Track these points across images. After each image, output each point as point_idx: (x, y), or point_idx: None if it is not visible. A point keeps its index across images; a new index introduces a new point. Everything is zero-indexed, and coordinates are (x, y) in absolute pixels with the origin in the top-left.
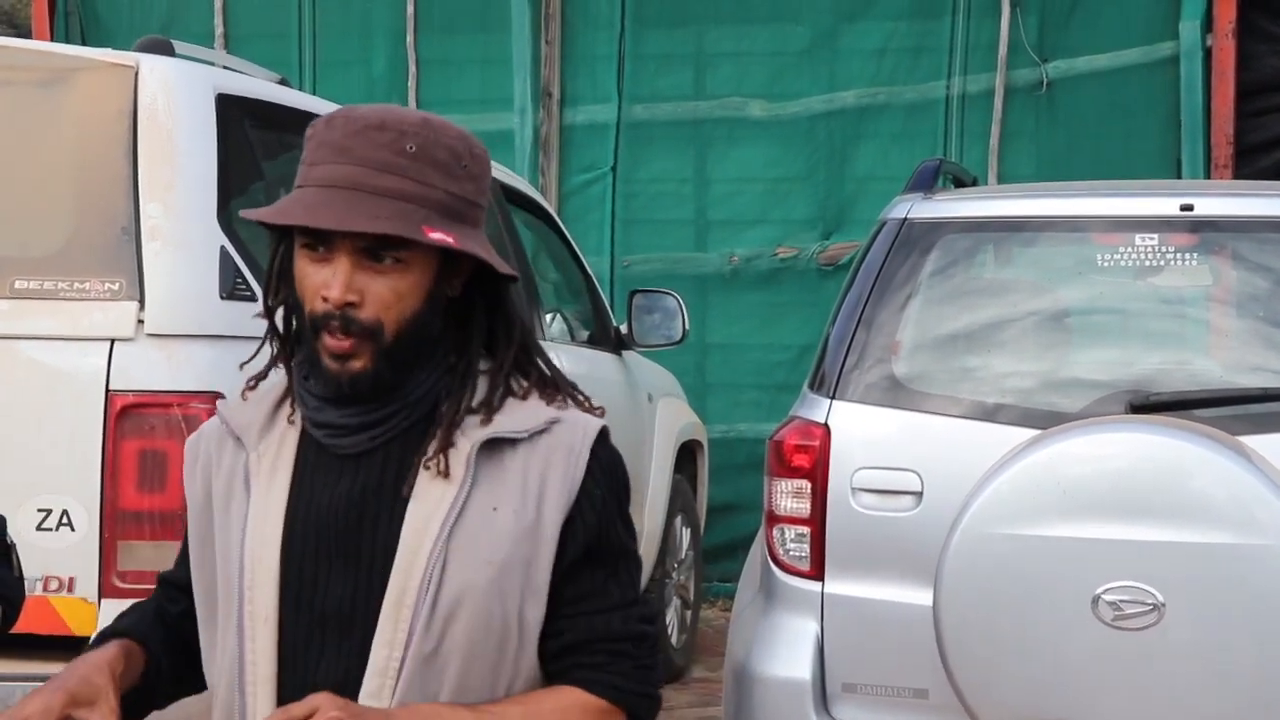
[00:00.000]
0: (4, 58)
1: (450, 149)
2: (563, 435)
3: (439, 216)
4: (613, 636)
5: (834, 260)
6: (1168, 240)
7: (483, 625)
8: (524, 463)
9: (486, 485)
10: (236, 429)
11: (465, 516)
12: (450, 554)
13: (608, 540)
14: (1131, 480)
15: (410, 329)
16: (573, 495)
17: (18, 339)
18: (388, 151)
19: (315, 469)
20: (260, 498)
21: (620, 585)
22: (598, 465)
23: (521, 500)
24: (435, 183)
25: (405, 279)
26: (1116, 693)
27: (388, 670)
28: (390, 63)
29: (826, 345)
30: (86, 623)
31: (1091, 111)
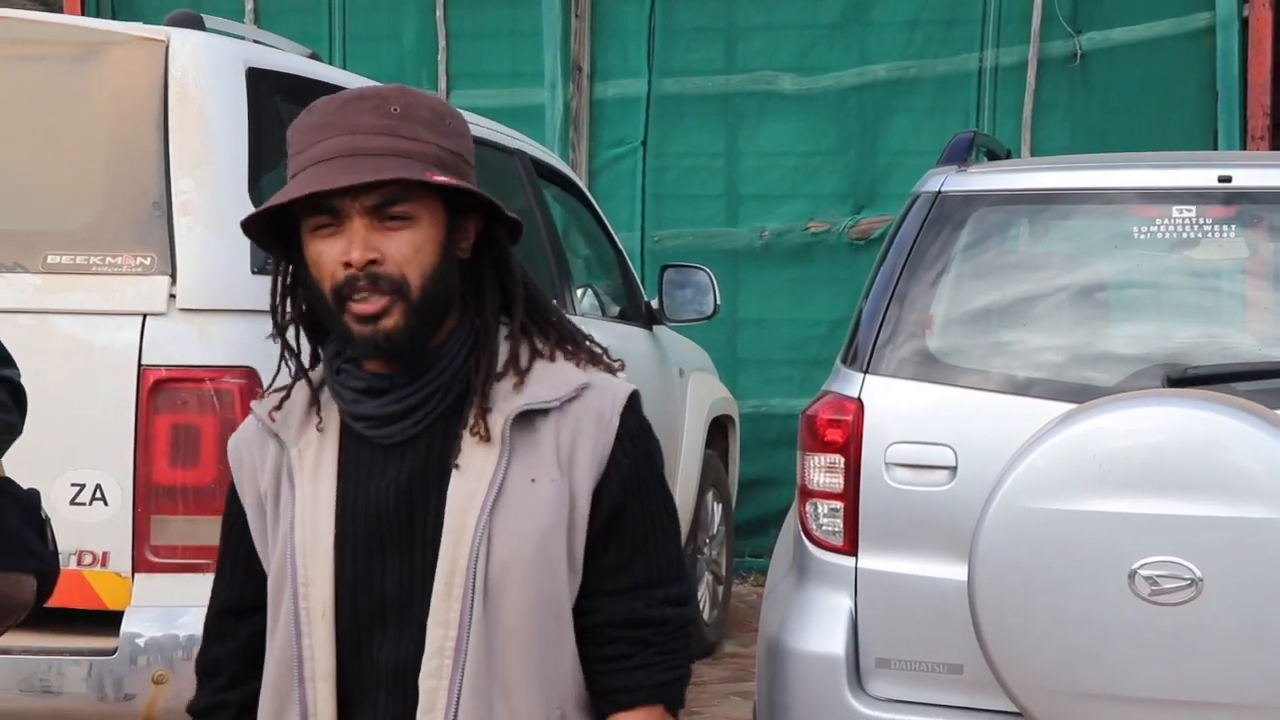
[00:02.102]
0: (36, 33)
1: (432, 108)
2: (592, 401)
3: (436, 167)
4: (634, 622)
5: (865, 234)
6: (1205, 212)
7: (535, 597)
8: (555, 430)
9: (522, 456)
10: (274, 427)
11: (505, 490)
12: (494, 528)
13: (635, 510)
14: (1168, 454)
15: (433, 282)
16: (603, 463)
17: (50, 313)
18: (373, 116)
19: (359, 462)
20: (307, 494)
21: (648, 563)
22: (626, 433)
23: (556, 469)
24: (426, 138)
25: (418, 232)
26: (1153, 668)
27: (444, 650)
28: (420, 36)
29: (859, 320)
30: (120, 597)
31: (1126, 83)
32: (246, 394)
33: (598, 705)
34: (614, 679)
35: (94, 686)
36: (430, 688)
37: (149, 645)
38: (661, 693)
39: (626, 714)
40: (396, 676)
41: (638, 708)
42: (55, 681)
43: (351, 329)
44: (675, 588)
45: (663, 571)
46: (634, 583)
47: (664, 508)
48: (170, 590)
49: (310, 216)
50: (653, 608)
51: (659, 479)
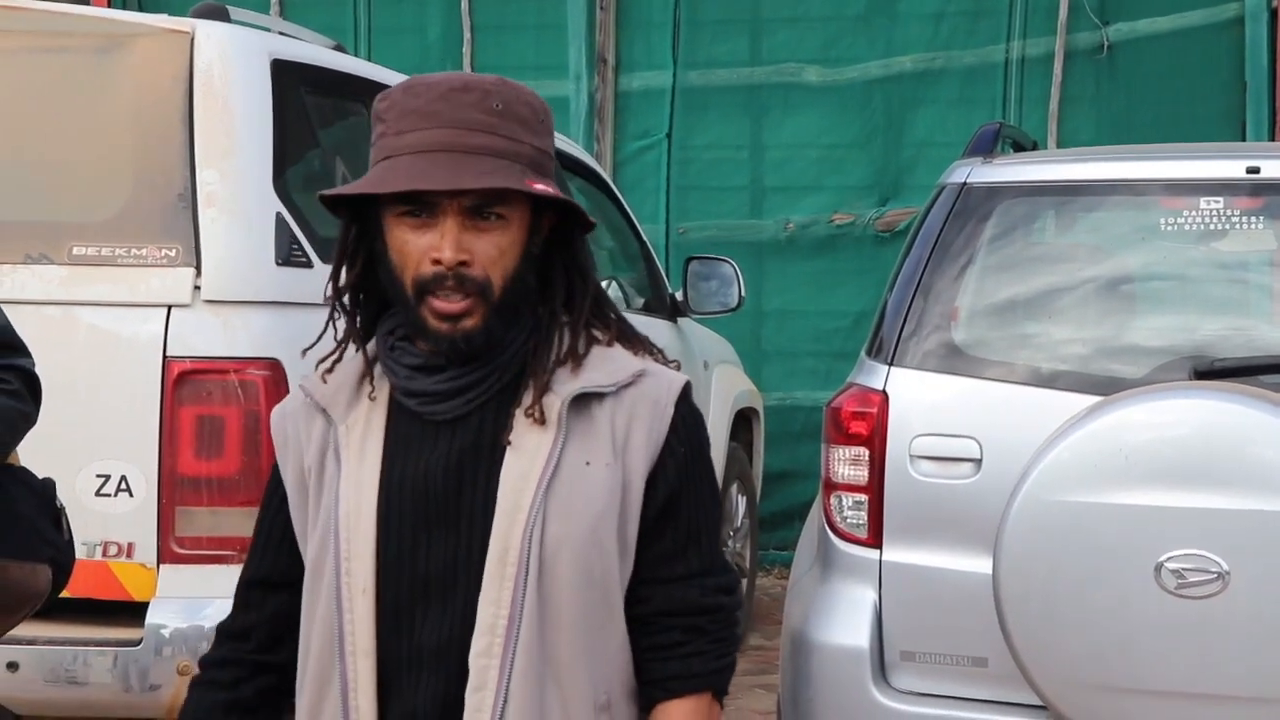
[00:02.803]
0: (61, 24)
1: (530, 105)
2: (648, 389)
3: (531, 170)
4: (689, 609)
5: (890, 226)
6: (1233, 204)
7: (585, 579)
8: (611, 415)
9: (578, 439)
10: (322, 401)
11: (560, 471)
12: (549, 508)
13: (690, 500)
14: (1195, 447)
15: (514, 284)
16: (657, 449)
17: (76, 305)
18: (476, 111)
19: (408, 438)
20: (352, 469)
21: (700, 552)
22: (681, 422)
23: (611, 453)
24: (523, 138)
25: (507, 234)
26: (1179, 662)
27: (495, 628)
28: (445, 29)
29: (884, 311)
30: (145, 588)
31: (1153, 75)
32: (271, 385)
33: (646, 693)
34: (667, 666)
35: (119, 677)
36: (481, 666)
37: (174, 636)
38: (713, 680)
39: (679, 701)
40: (439, 654)
41: (690, 695)
42: (81, 672)
43: (428, 323)
44: (724, 577)
45: (713, 560)
46: (688, 571)
47: (713, 498)
48: (195, 581)
49: (402, 203)
50: (707, 595)
51: (709, 469)
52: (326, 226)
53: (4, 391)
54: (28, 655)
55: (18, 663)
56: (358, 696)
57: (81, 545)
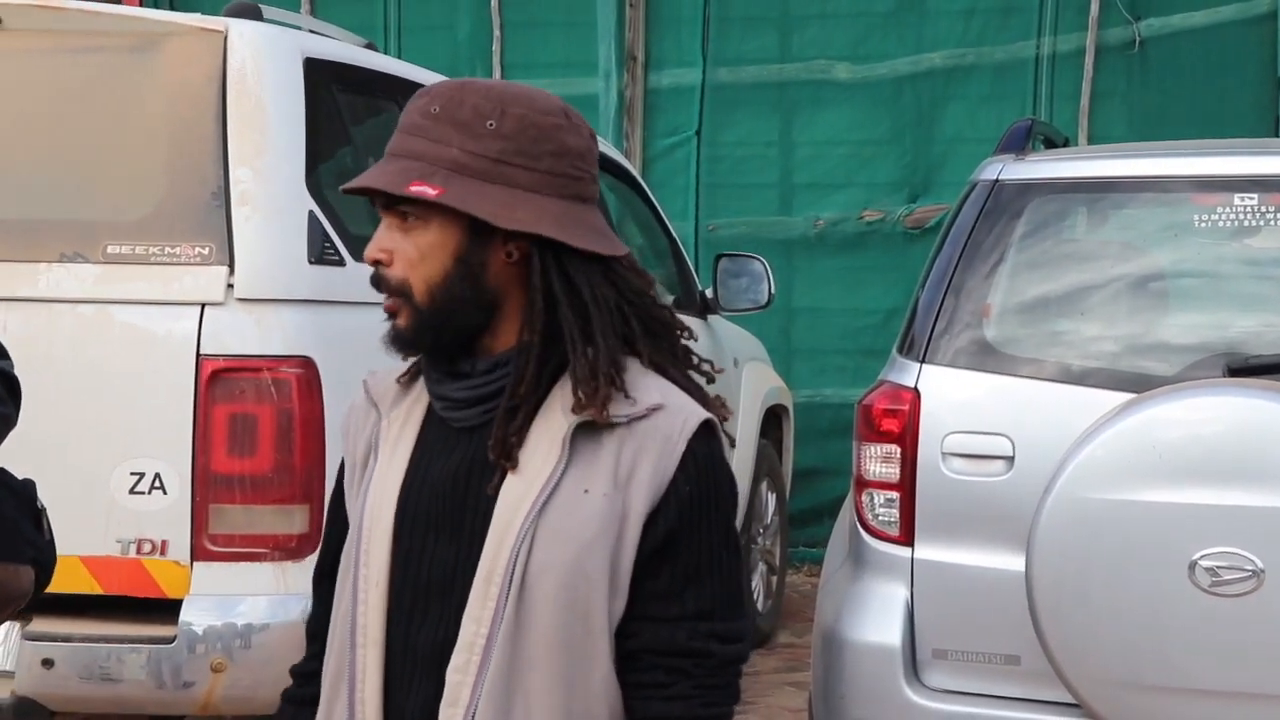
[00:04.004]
0: (94, 23)
1: (475, 108)
2: (661, 423)
3: (449, 172)
4: (675, 651)
5: (920, 223)
6: (1268, 200)
7: (567, 607)
8: (619, 446)
9: (581, 466)
10: (375, 396)
11: (556, 496)
12: (539, 532)
13: (691, 541)
14: (1229, 444)
15: (441, 288)
16: (662, 487)
17: (110, 303)
18: (417, 115)
19: (435, 440)
20: (383, 464)
21: (698, 596)
22: (692, 460)
23: (612, 484)
24: (451, 141)
25: (425, 237)
26: (1213, 660)
27: (474, 645)
28: (475, 26)
29: (916, 309)
30: (179, 585)
31: (1186, 70)
32: (304, 384)
33: None
34: (648, 706)
35: (153, 674)
36: (455, 681)
37: (207, 633)
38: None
39: None
40: (431, 659)
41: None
42: (115, 669)
43: None
44: (726, 624)
45: (716, 606)
46: (682, 613)
47: (725, 542)
48: (228, 579)
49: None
50: (695, 639)
51: (722, 511)
52: (359, 224)
53: None
54: (62, 652)
55: (53, 659)
56: (365, 688)
57: (115, 543)
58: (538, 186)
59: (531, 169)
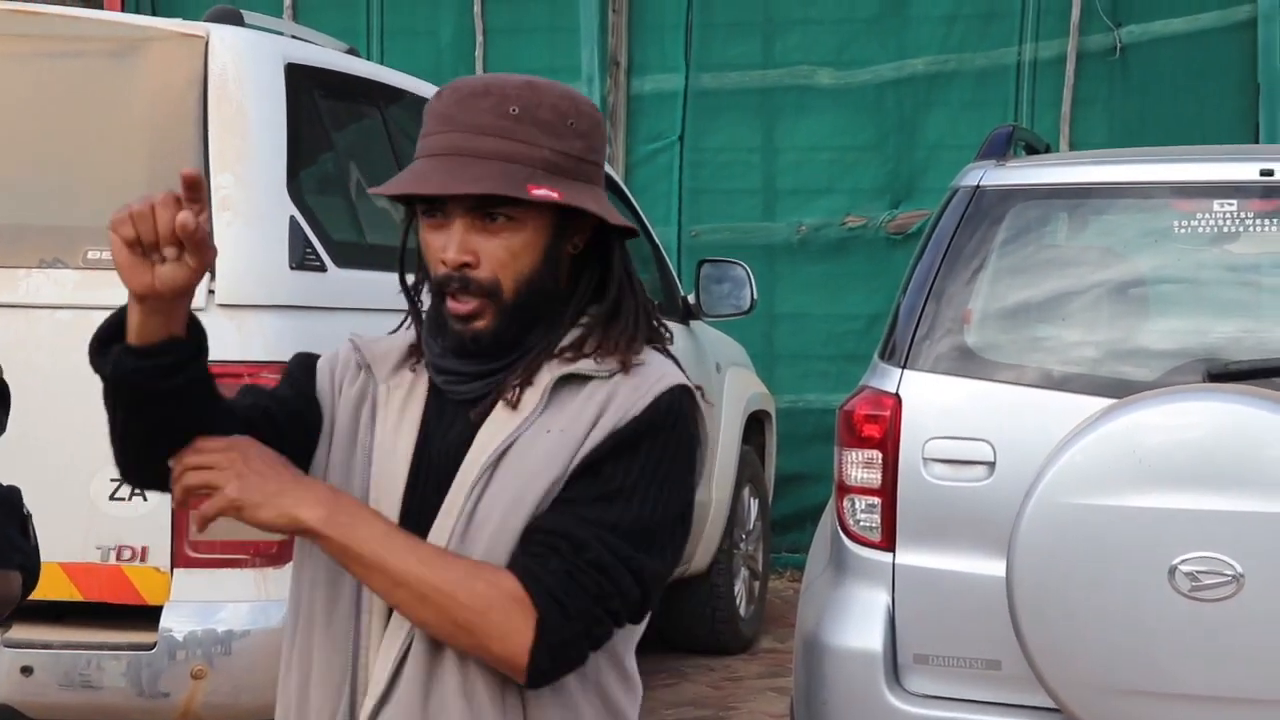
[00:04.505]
0: (75, 29)
1: (555, 108)
2: (637, 375)
3: (545, 174)
4: (557, 530)
5: (903, 229)
6: (1247, 206)
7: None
8: (592, 395)
9: (551, 412)
10: (369, 358)
11: (521, 438)
12: (497, 470)
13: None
14: (1209, 449)
15: (529, 286)
16: (629, 414)
17: (90, 309)
18: (490, 116)
19: (439, 414)
20: (388, 435)
21: (607, 510)
22: (655, 410)
23: (572, 421)
24: (540, 142)
25: (518, 236)
26: (1193, 664)
27: None
28: (458, 31)
29: (897, 314)
30: (159, 592)
31: (1166, 77)
32: None
33: None
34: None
35: (133, 681)
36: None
37: (188, 640)
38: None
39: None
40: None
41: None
42: (95, 676)
43: (449, 320)
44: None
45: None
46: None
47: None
48: (209, 585)
49: (422, 204)
50: (582, 529)
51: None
52: (340, 230)
53: None
54: (42, 659)
55: (32, 667)
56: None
57: (95, 549)
58: (597, 179)
59: (597, 164)
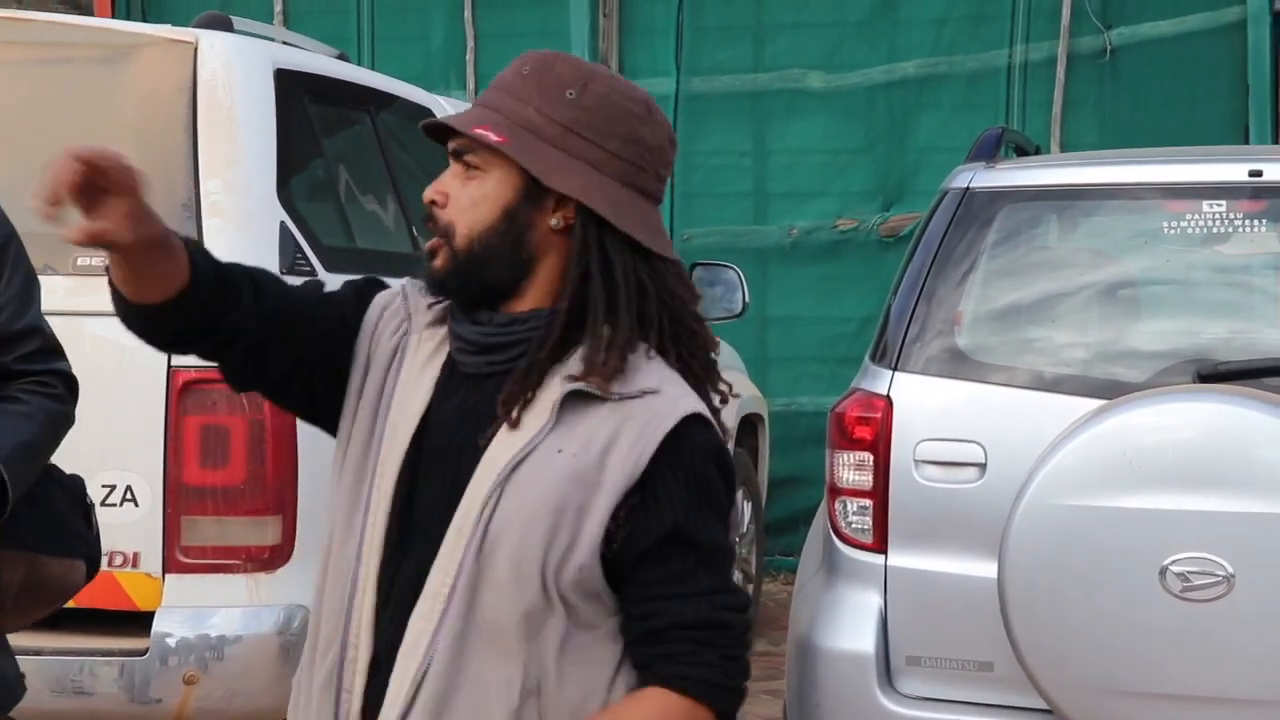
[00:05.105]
0: (64, 35)
1: (561, 77)
2: (651, 404)
3: (518, 129)
4: (698, 624)
5: (894, 232)
6: (1236, 207)
7: (525, 560)
8: (605, 418)
9: (562, 430)
10: (413, 307)
11: (533, 455)
12: (506, 489)
13: (693, 530)
14: (1199, 450)
15: (481, 240)
16: (641, 461)
17: (81, 315)
18: (510, 73)
19: (449, 380)
20: (408, 386)
21: (711, 574)
22: (678, 447)
23: (584, 447)
24: (531, 101)
25: (481, 186)
26: (1185, 665)
27: (439, 594)
28: (448, 37)
29: (888, 317)
30: (151, 598)
31: (1156, 79)
32: None
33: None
34: (670, 667)
35: (125, 687)
36: (419, 629)
37: (180, 645)
38: (715, 695)
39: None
40: (402, 599)
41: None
42: (87, 682)
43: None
44: (735, 596)
45: (725, 582)
46: (699, 589)
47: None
48: (201, 591)
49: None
50: (715, 611)
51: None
52: (331, 235)
53: (50, 396)
54: (34, 665)
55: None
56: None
57: None
58: (599, 163)
59: (598, 145)
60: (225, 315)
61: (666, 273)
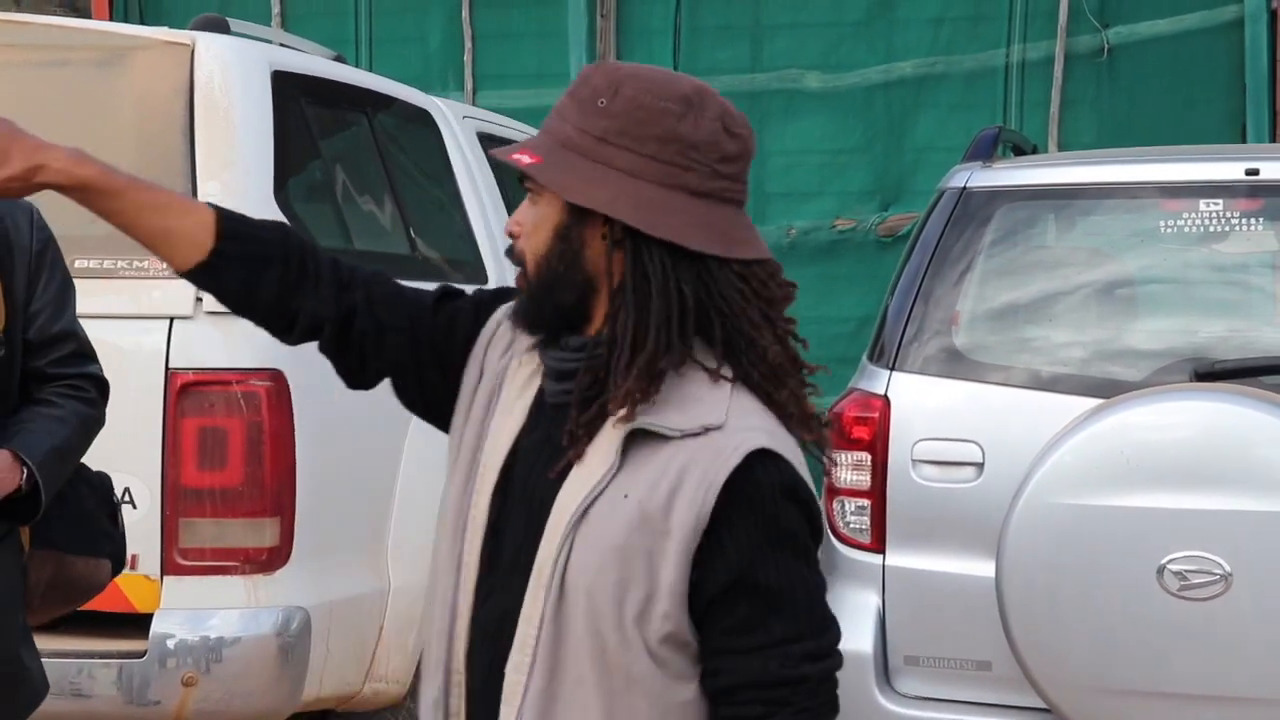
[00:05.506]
0: (61, 38)
1: (594, 88)
2: (714, 441)
3: (559, 148)
4: (768, 682)
5: (893, 231)
6: (1233, 206)
7: (599, 612)
8: (670, 457)
9: (628, 472)
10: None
11: (600, 500)
12: (578, 535)
13: (765, 572)
14: (1196, 449)
15: (544, 264)
16: (708, 503)
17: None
18: (565, 94)
19: (539, 409)
20: (504, 412)
21: (783, 620)
22: (743, 488)
23: (650, 490)
24: (570, 118)
25: (539, 210)
26: (1182, 663)
27: (526, 646)
28: (446, 38)
29: (885, 316)
30: (149, 600)
31: (1154, 78)
32: (273, 396)
33: None
34: None
35: (124, 689)
36: (513, 681)
37: (178, 647)
38: None
39: None
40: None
41: None
42: (85, 684)
43: None
44: (815, 641)
45: (804, 626)
46: (769, 640)
47: (800, 562)
48: (199, 593)
49: None
50: (788, 666)
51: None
52: (328, 237)
53: (83, 400)
54: None
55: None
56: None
57: None
58: (637, 170)
59: (635, 151)
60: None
61: (722, 276)
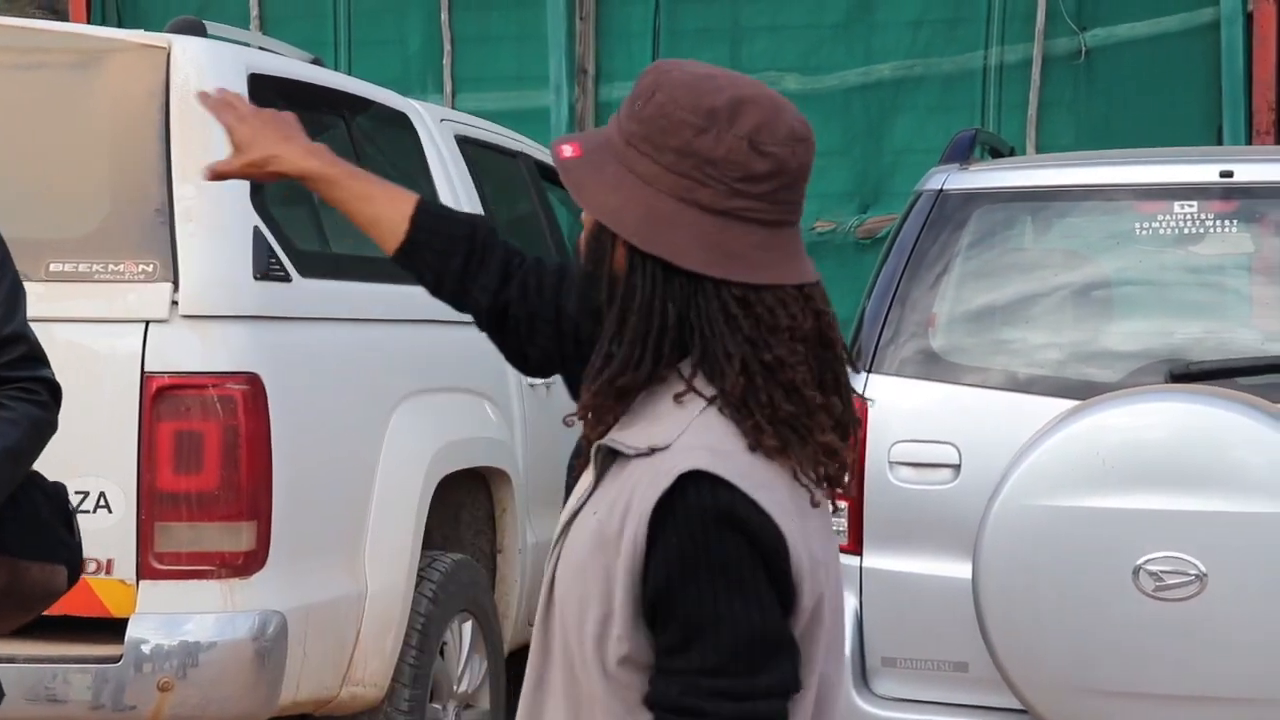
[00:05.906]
0: (36, 40)
1: (639, 88)
2: (655, 463)
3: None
4: (666, 705)
5: (872, 233)
6: (1207, 208)
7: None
8: (628, 476)
9: (602, 490)
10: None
11: (579, 517)
12: (561, 552)
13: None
14: (1172, 450)
15: (582, 261)
16: (642, 525)
17: (53, 321)
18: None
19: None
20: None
21: (703, 651)
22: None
23: (609, 510)
24: (620, 114)
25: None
26: (1158, 664)
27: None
28: (425, 40)
29: (863, 318)
30: (125, 604)
31: (1131, 80)
32: (249, 400)
33: None
34: None
35: (99, 694)
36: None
37: (154, 652)
38: None
39: None
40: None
41: None
42: (61, 690)
43: None
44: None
45: (725, 661)
46: (686, 666)
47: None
48: (175, 597)
49: None
50: (689, 695)
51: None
52: (305, 240)
53: (35, 403)
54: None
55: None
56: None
57: None
58: (654, 179)
59: (654, 160)
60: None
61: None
